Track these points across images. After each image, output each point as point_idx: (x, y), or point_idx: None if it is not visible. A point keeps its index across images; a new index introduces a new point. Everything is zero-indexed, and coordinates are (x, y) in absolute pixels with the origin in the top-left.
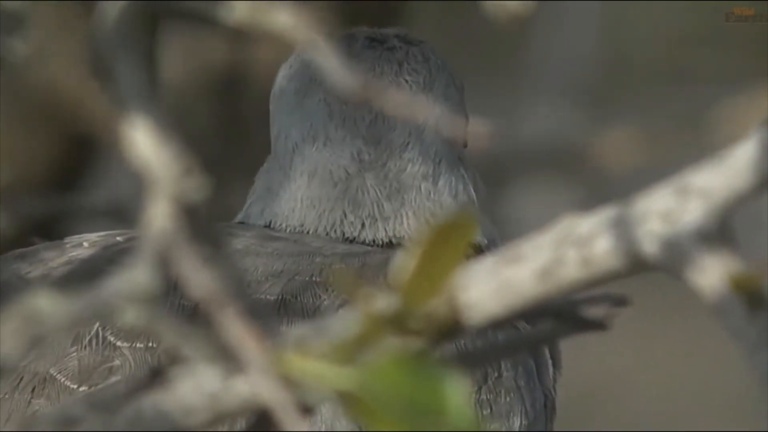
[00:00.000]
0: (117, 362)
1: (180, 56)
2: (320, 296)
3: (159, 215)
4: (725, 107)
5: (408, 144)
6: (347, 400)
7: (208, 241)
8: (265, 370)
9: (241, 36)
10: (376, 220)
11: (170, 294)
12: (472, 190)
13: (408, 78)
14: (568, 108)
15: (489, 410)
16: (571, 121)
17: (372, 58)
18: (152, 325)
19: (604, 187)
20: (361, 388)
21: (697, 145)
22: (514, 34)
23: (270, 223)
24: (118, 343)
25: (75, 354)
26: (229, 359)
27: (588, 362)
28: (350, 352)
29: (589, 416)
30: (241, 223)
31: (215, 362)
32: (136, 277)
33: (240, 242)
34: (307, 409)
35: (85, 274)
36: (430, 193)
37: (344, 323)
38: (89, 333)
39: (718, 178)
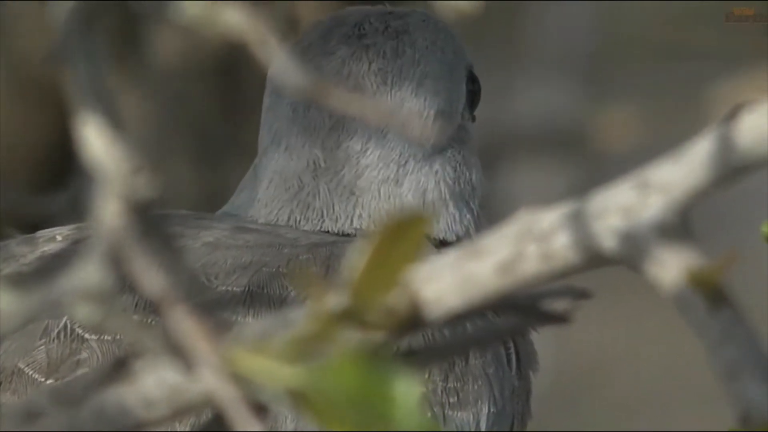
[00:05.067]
0: (85, 355)
1: (177, 38)
2: (287, 287)
3: (110, 213)
4: (724, 86)
5: (367, 150)
6: (297, 399)
7: (159, 238)
8: (215, 368)
9: None
10: (323, 219)
11: (129, 290)
12: (446, 186)
13: (373, 78)
14: (565, 87)
15: (456, 398)
16: (568, 100)
17: (343, 55)
18: (106, 322)
19: (602, 167)
20: (310, 387)
21: (696, 124)
22: (508, 11)
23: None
24: (86, 336)
25: (43, 347)
26: (181, 357)
27: (579, 345)
28: (301, 349)
29: (580, 399)
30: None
31: (169, 359)
32: (87, 274)
33: (212, 234)
34: (261, 408)
35: (55, 270)
36: (389, 197)
37: (297, 320)
38: (58, 325)
39: (678, 173)
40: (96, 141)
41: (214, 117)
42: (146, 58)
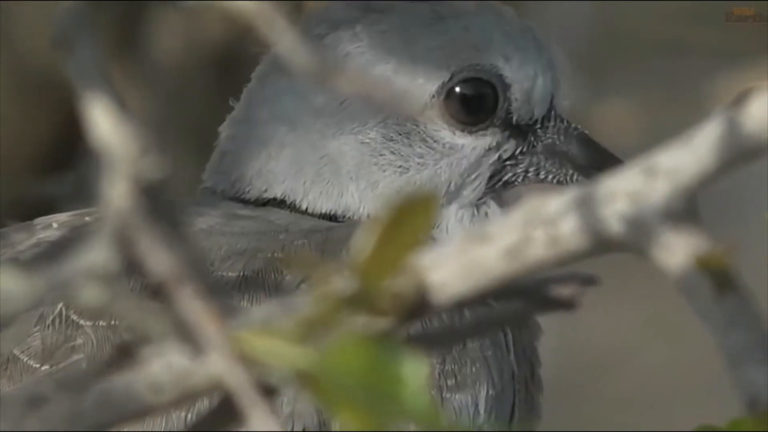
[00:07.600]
0: (80, 341)
1: (178, 31)
2: (282, 273)
3: (117, 195)
4: (723, 82)
5: (267, 101)
6: (305, 381)
7: (166, 220)
8: (223, 350)
9: None
10: (230, 178)
11: (134, 272)
12: (329, 162)
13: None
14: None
15: (454, 380)
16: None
17: (347, 19)
18: (112, 304)
19: None
20: (318, 369)
21: (695, 120)
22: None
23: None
24: (81, 322)
25: (38, 333)
26: (187, 339)
27: (582, 339)
28: (309, 331)
29: (583, 393)
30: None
31: (175, 341)
32: (94, 256)
33: (205, 221)
34: (269, 390)
35: (52, 256)
36: (270, 157)
37: (304, 302)
38: (53, 312)
39: (685, 158)
40: (103, 123)
41: (214, 111)
42: (147, 52)
